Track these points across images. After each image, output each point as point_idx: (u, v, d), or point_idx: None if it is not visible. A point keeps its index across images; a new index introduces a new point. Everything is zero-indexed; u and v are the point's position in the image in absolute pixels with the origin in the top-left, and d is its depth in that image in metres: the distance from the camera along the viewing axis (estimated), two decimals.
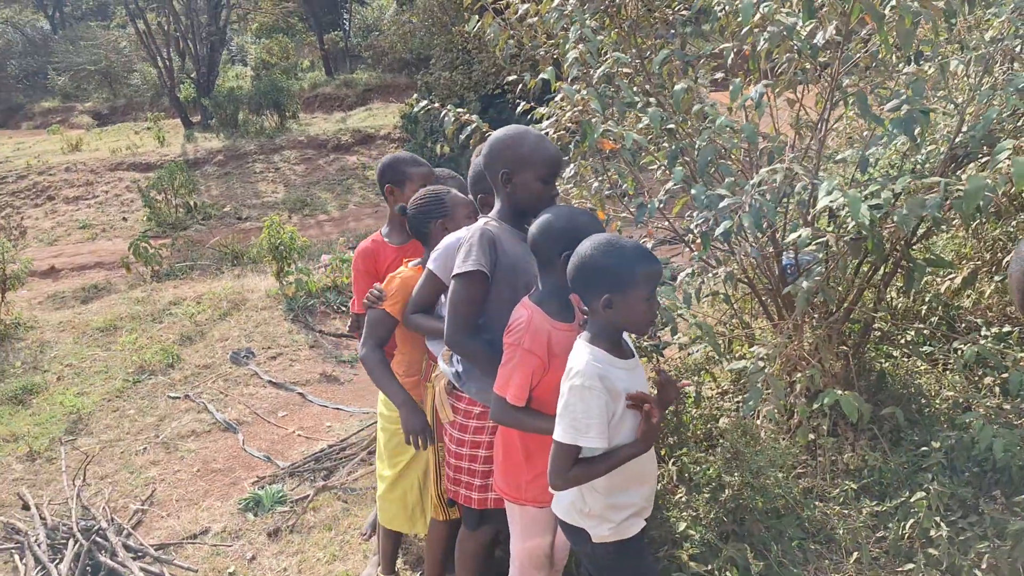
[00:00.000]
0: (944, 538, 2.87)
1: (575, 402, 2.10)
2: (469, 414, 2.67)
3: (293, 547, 3.97)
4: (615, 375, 2.14)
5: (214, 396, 5.99)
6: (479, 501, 2.71)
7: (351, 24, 27.46)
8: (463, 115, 3.43)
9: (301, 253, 8.06)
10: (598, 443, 2.10)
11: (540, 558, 2.57)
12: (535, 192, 2.49)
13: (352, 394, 6.08)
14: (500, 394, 2.32)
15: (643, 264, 2.11)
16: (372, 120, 19.44)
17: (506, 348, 2.33)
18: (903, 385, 3.82)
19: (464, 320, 2.47)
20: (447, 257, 2.65)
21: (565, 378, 2.15)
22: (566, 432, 2.11)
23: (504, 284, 2.47)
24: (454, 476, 2.75)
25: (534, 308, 2.33)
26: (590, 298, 2.15)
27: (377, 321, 2.92)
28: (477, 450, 2.68)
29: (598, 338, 2.18)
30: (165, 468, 5.01)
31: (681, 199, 3.49)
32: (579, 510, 2.25)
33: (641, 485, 2.29)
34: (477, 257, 2.41)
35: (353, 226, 13.18)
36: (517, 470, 2.46)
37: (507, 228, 2.53)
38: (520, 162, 2.46)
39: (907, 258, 3.22)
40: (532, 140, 2.48)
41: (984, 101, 2.94)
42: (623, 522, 2.25)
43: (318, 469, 4.74)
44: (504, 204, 2.55)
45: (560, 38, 3.17)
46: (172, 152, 17.99)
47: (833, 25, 2.71)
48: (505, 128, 2.54)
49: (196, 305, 7.75)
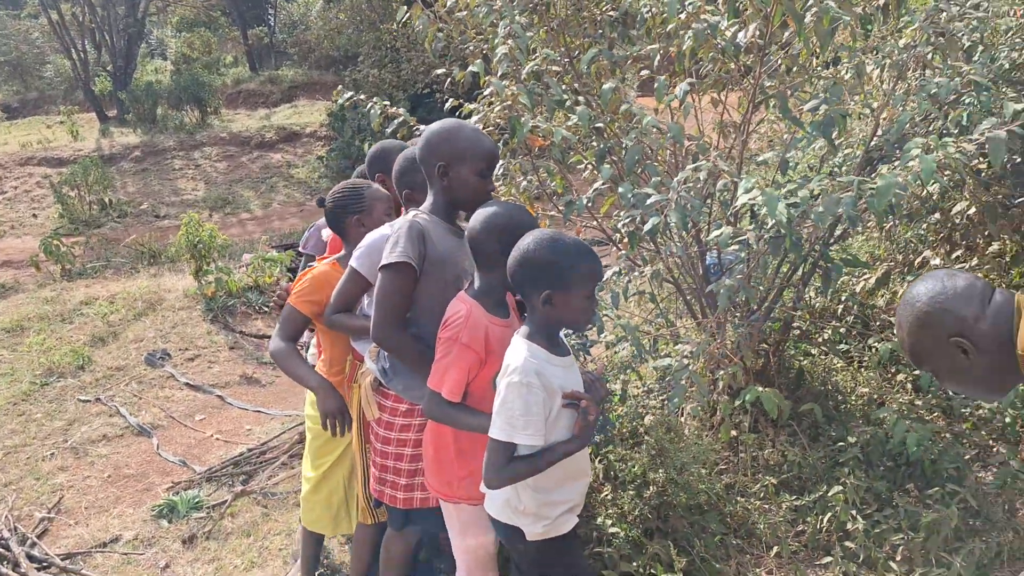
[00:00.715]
0: (860, 531, 2.95)
1: (512, 399, 2.08)
2: (395, 411, 2.62)
3: (209, 554, 3.83)
4: (552, 372, 2.13)
5: (127, 399, 5.76)
6: (404, 501, 2.65)
7: (276, 19, 26.89)
8: (389, 108, 3.37)
9: (221, 252, 7.83)
10: (535, 440, 2.09)
11: (485, 558, 2.52)
12: (472, 186, 2.46)
13: (274, 396, 5.92)
14: (434, 389, 2.27)
15: (585, 262, 2.11)
16: (298, 117, 19.06)
17: (442, 343, 2.29)
18: (821, 382, 3.92)
19: (391, 313, 2.42)
20: (371, 254, 2.59)
21: (502, 375, 2.13)
22: (502, 429, 2.09)
23: (432, 277, 2.42)
24: (379, 475, 2.69)
25: (472, 303, 2.30)
26: (530, 294, 2.13)
27: (286, 317, 2.84)
28: (403, 448, 2.63)
29: (536, 335, 2.17)
30: (74, 474, 4.78)
31: (609, 199, 3.51)
32: (514, 508, 2.23)
33: (576, 481, 2.29)
34: (405, 248, 2.37)
35: (277, 225, 12.89)
36: (449, 467, 2.42)
37: (438, 222, 2.49)
38: (457, 155, 2.43)
39: (825, 258, 3.31)
40: (469, 133, 2.46)
41: (898, 105, 3.03)
42: (557, 519, 2.25)
43: (237, 473, 4.60)
44: (438, 198, 2.51)
45: (489, 33, 3.14)
46: (86, 147, 17.29)
47: (755, 26, 2.76)
48: (442, 121, 2.51)
49: (109, 305, 7.44)
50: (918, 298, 1.82)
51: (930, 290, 1.81)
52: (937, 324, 1.79)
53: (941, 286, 1.81)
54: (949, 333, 1.78)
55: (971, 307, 1.78)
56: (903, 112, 2.92)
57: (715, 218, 3.41)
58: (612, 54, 3.18)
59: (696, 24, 2.70)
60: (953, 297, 1.79)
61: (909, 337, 1.86)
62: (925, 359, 1.87)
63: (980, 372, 1.80)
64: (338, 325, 2.73)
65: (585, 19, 3.21)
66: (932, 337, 1.80)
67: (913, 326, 1.83)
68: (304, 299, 2.83)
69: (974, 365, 1.79)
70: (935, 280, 1.83)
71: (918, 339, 1.84)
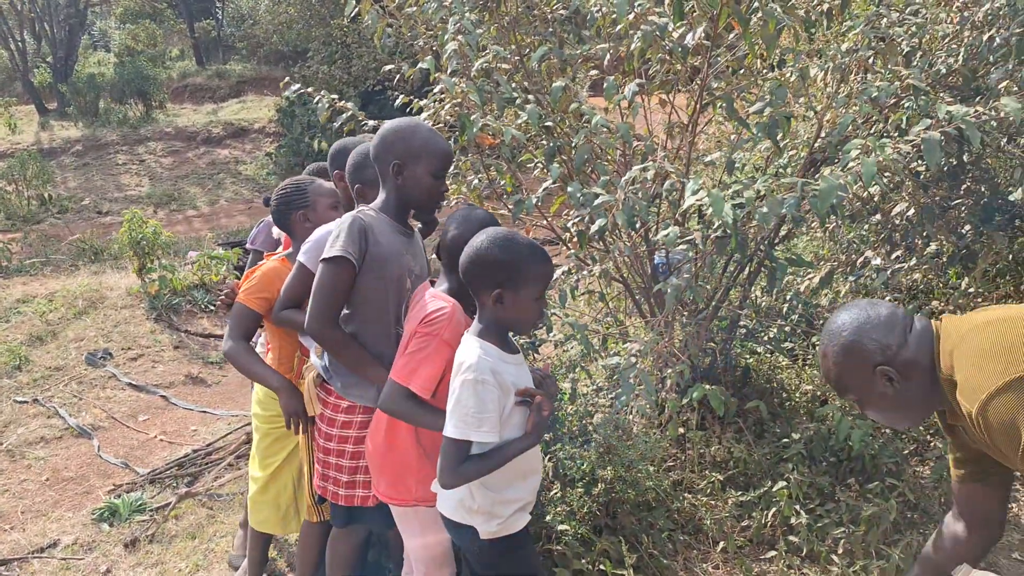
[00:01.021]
0: (804, 525, 3.01)
1: (467, 397, 2.07)
2: (337, 408, 2.60)
3: (152, 558, 3.74)
4: (505, 370, 2.12)
5: (67, 400, 5.60)
6: (346, 498, 2.63)
7: (224, 13, 26.41)
8: (337, 102, 3.33)
9: (166, 249, 7.66)
10: (490, 437, 2.08)
11: (443, 555, 2.52)
12: (425, 186, 2.45)
13: (220, 396, 5.82)
14: (401, 383, 2.25)
15: (537, 263, 2.12)
16: (246, 113, 18.76)
17: (419, 337, 2.26)
18: (766, 380, 3.99)
19: (326, 308, 2.39)
20: (318, 249, 2.56)
21: (455, 373, 2.12)
22: (457, 427, 2.08)
23: (373, 275, 2.41)
24: (322, 471, 2.68)
25: (454, 302, 2.30)
26: (481, 291, 2.13)
27: (237, 315, 2.80)
28: (344, 444, 2.61)
29: (487, 332, 2.16)
30: (10, 477, 4.63)
31: (559, 198, 3.52)
32: (467, 507, 2.22)
33: (527, 479, 2.29)
34: (344, 244, 2.35)
35: (224, 222, 12.67)
36: (406, 471, 2.40)
37: (385, 219, 2.47)
38: (412, 155, 2.42)
39: (770, 258, 3.36)
40: (425, 133, 2.45)
41: (840, 108, 3.10)
42: (510, 517, 2.24)
43: (181, 475, 4.50)
44: (390, 196, 2.49)
45: (439, 29, 3.13)
46: (25, 140, 16.80)
47: (702, 28, 2.79)
48: (398, 120, 2.49)
49: (48, 303, 7.22)
50: (842, 328, 1.86)
51: (854, 320, 1.85)
52: (862, 353, 1.83)
53: (865, 316, 1.85)
54: (875, 363, 1.82)
55: (894, 335, 1.82)
56: (845, 115, 2.98)
57: (663, 218, 3.44)
58: (563, 53, 3.20)
59: (644, 25, 2.72)
60: (876, 326, 1.83)
61: (835, 367, 1.89)
62: (850, 388, 1.90)
63: (904, 399, 1.85)
64: (286, 321, 2.70)
65: (536, 17, 3.21)
66: (857, 366, 1.84)
67: (839, 356, 1.86)
68: (254, 296, 2.79)
69: (898, 392, 1.83)
70: (858, 310, 1.87)
71: (843, 369, 1.87)
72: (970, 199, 3.77)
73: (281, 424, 2.94)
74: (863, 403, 1.91)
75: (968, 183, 3.76)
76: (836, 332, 1.86)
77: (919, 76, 2.96)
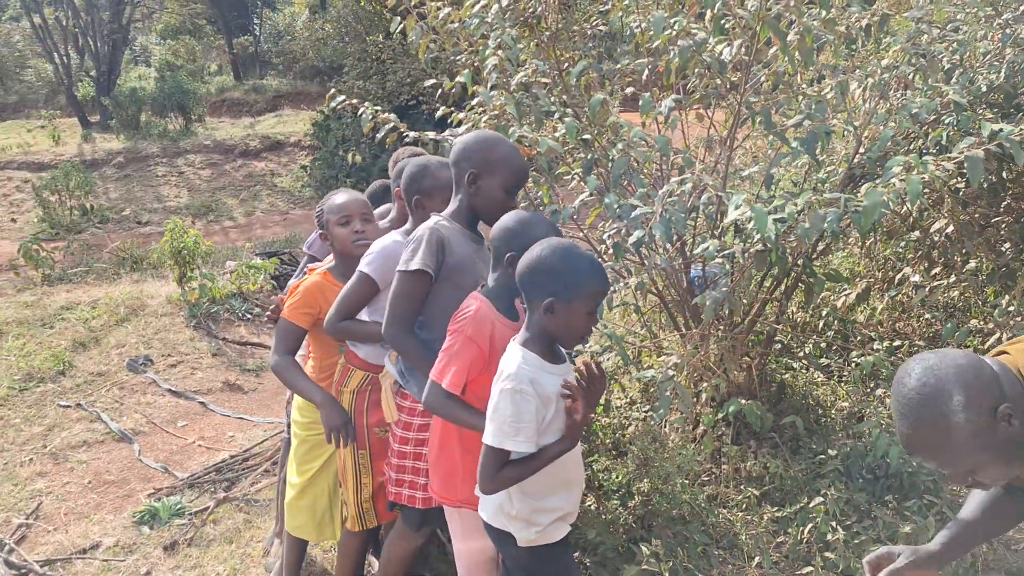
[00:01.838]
0: (840, 541, 2.99)
1: (505, 406, 2.08)
2: (413, 412, 2.65)
3: (191, 561, 3.81)
4: (546, 380, 2.12)
5: (108, 405, 5.71)
6: (423, 501, 2.67)
7: (261, 29, 26.88)
8: (380, 114, 3.40)
9: (205, 258, 7.80)
10: (526, 447, 2.10)
11: (484, 563, 2.54)
12: (496, 200, 2.49)
13: (257, 403, 5.90)
14: (435, 380, 2.30)
15: (594, 279, 2.11)
16: (282, 127, 19.04)
17: (449, 335, 2.33)
18: (802, 396, 3.97)
19: (402, 315, 2.47)
20: (384, 259, 2.65)
21: (496, 380, 2.14)
22: (494, 435, 2.10)
23: (449, 283, 2.47)
24: (396, 477, 2.70)
25: (483, 300, 2.34)
26: (533, 299, 2.14)
27: (283, 330, 2.86)
28: (422, 448, 2.64)
29: (532, 341, 2.17)
30: (53, 480, 4.74)
31: (595, 210, 3.55)
32: (506, 513, 2.24)
33: (568, 490, 2.29)
34: (424, 258, 2.41)
35: (260, 233, 12.86)
36: (452, 469, 2.44)
37: (458, 229, 2.53)
38: (489, 167, 2.46)
39: (808, 273, 3.36)
40: (505, 148, 2.50)
41: (880, 124, 3.10)
42: (548, 526, 2.25)
43: (219, 480, 4.58)
44: (462, 204, 2.54)
45: (479, 44, 3.18)
46: (68, 152, 17.19)
47: (740, 43, 2.82)
48: (480, 131, 2.57)
49: (91, 310, 7.38)
50: (938, 385, 1.62)
51: (943, 373, 1.62)
52: (976, 400, 1.61)
53: (947, 363, 1.63)
54: (992, 405, 1.61)
55: (985, 372, 1.64)
56: (885, 130, 2.99)
57: (699, 231, 3.46)
58: (601, 67, 3.24)
59: (683, 41, 2.75)
60: (967, 369, 1.62)
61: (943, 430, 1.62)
62: (965, 448, 1.63)
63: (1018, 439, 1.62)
64: (345, 331, 2.74)
65: (575, 33, 3.26)
66: (972, 418, 1.60)
67: (945, 415, 1.61)
68: (299, 311, 2.84)
69: (1015, 432, 1.61)
70: (936, 361, 1.64)
71: (955, 428, 1.61)
72: (1010, 216, 3.74)
73: (318, 432, 2.98)
74: (982, 463, 1.65)
75: (1009, 200, 3.73)
76: (930, 394, 1.62)
77: (961, 92, 2.96)
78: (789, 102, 3.14)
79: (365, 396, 2.83)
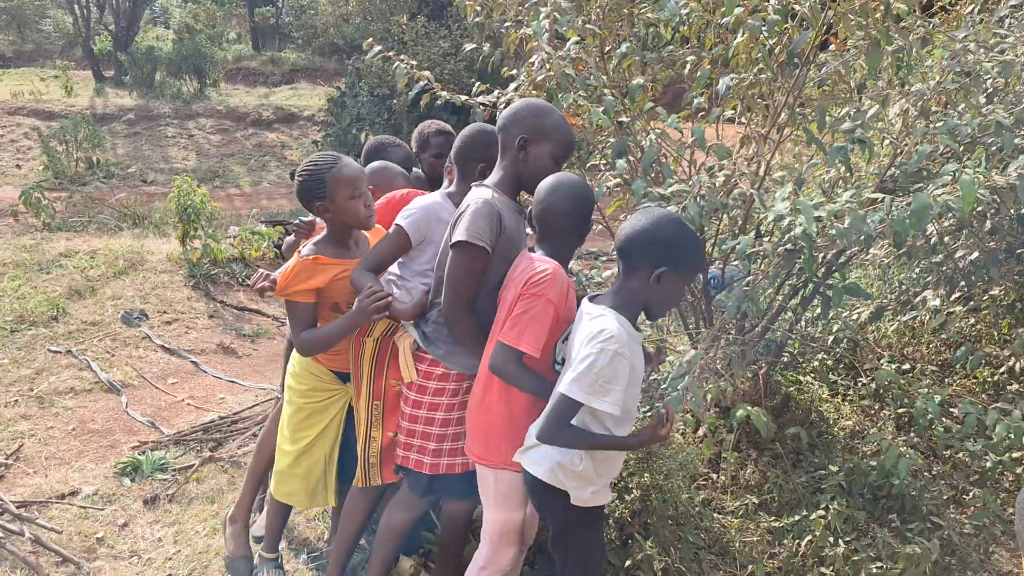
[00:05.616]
0: (839, 556, 2.93)
1: (603, 364, 2.08)
2: (430, 375, 2.60)
3: (171, 517, 3.73)
4: (636, 350, 2.17)
5: (99, 355, 5.63)
6: (431, 466, 2.62)
7: (284, 1, 26.76)
8: (415, 70, 3.34)
9: (210, 219, 7.71)
10: (613, 409, 2.10)
11: (512, 533, 2.51)
12: (545, 168, 2.46)
13: (250, 369, 5.82)
14: (511, 344, 2.26)
15: (701, 253, 2.20)
16: (297, 100, 18.94)
17: (524, 298, 2.28)
18: (806, 410, 3.91)
19: (463, 294, 2.43)
20: (426, 218, 2.63)
21: (592, 338, 2.12)
22: (583, 390, 2.09)
23: (500, 256, 2.44)
24: (406, 441, 2.65)
25: (556, 264, 2.32)
26: (641, 267, 2.15)
27: (294, 313, 2.71)
28: (435, 412, 2.60)
29: (625, 308, 2.19)
30: (37, 424, 4.66)
31: (616, 201, 3.49)
32: (568, 471, 2.23)
33: (621, 461, 2.39)
34: (483, 232, 2.36)
35: (265, 204, 12.76)
36: (496, 432, 2.40)
37: (506, 201, 2.49)
38: (541, 133, 2.44)
39: (826, 285, 3.30)
40: (557, 117, 2.48)
41: (918, 137, 3.04)
42: (600, 489, 2.29)
43: (206, 439, 4.50)
44: (507, 171, 2.50)
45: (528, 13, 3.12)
46: (79, 104, 17.06)
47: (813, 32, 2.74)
48: (531, 99, 2.54)
49: (89, 259, 7.28)
50: None
51: None
52: None
53: None
54: None
55: None
56: (923, 145, 2.93)
57: (723, 230, 3.40)
58: (644, 54, 3.18)
59: (752, 20, 2.68)
60: None
61: None
62: None
63: None
64: (357, 282, 2.63)
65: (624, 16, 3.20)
66: None
67: None
68: (299, 290, 2.68)
69: None
70: None
71: None
72: None
73: (316, 399, 2.92)
74: None
75: None
76: None
77: (1004, 113, 2.90)
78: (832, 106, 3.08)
79: (388, 346, 2.74)
